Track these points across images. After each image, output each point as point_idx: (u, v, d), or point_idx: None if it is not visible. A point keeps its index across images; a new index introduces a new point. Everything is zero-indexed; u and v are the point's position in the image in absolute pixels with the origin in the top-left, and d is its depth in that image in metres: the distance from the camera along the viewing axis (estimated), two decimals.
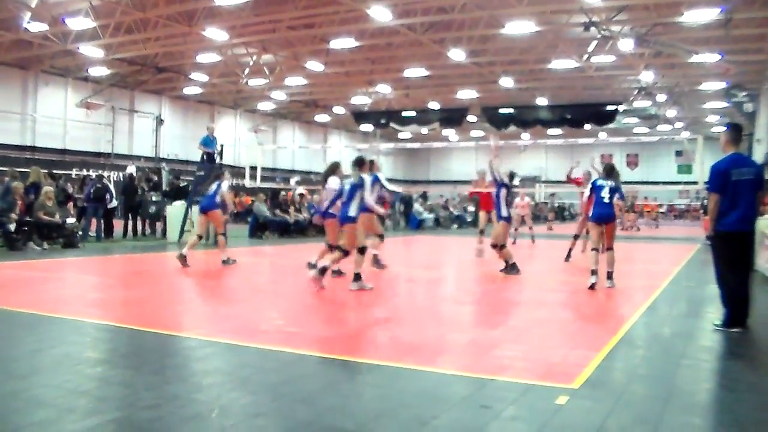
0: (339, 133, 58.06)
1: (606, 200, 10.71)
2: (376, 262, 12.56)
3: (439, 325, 7.46)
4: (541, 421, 4.06)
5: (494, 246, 12.41)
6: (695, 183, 15.08)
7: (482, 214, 16.70)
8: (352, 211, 9.92)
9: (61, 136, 36.34)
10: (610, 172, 11.33)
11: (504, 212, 12.44)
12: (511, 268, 12.24)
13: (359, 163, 10.39)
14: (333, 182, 11.39)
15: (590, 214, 11.27)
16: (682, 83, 34.86)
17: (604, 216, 10.71)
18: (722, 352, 6.40)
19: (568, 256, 15.08)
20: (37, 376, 4.90)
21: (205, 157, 19.40)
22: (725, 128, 7.38)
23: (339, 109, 46.29)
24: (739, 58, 27.98)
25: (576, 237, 15.43)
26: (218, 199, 13.19)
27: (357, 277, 9.76)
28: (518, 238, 21.64)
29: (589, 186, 11.99)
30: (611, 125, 37.04)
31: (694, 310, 8.96)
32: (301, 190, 25.73)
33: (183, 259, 12.24)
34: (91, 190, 18.39)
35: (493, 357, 5.77)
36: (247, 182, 21.09)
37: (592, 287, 10.22)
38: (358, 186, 10.07)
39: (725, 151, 7.11)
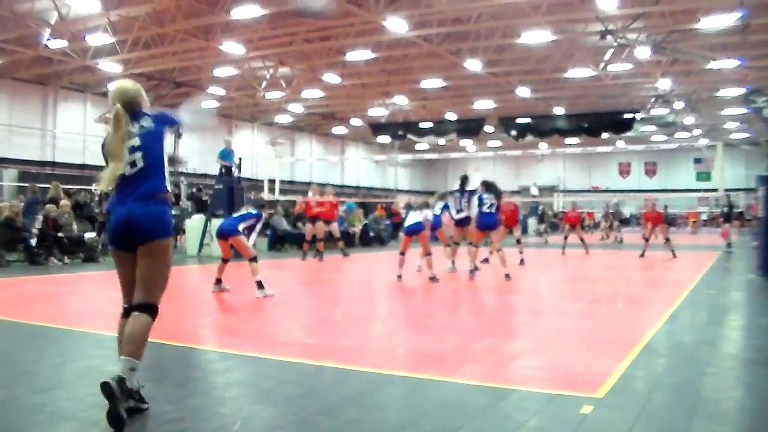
0: (356, 145, 58.17)
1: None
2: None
3: (460, 335, 7.43)
4: (566, 431, 4.02)
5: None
6: (715, 190, 15.00)
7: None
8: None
9: (81, 151, 36.63)
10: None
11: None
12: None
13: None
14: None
15: None
16: (700, 90, 34.69)
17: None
18: (747, 360, 6.32)
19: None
20: (61, 389, 4.92)
21: (223, 170, 19.47)
22: None
23: (356, 121, 46.41)
24: (757, 64, 27.83)
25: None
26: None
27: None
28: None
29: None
30: (629, 133, 36.86)
31: (717, 318, 8.86)
32: None
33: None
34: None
35: (515, 367, 5.73)
36: (266, 195, 21.14)
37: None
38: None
39: None
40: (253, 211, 10.82)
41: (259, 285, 10.03)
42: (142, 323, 4.20)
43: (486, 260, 16.20)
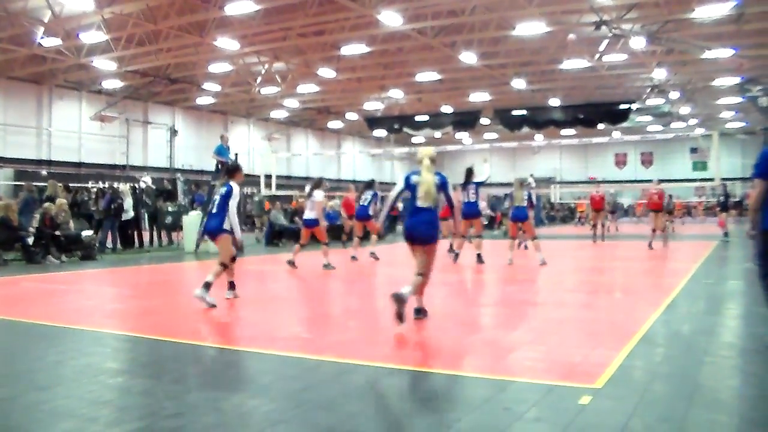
0: (353, 139, 58.15)
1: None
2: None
3: (459, 327, 7.43)
4: (564, 421, 4.02)
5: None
6: (711, 180, 15.03)
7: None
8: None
9: (77, 149, 36.62)
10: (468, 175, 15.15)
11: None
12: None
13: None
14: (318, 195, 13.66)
15: None
16: (695, 80, 34.70)
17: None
18: (745, 349, 6.33)
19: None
20: (59, 387, 4.92)
21: (219, 166, 19.43)
22: None
23: (352, 115, 46.37)
24: (752, 53, 27.84)
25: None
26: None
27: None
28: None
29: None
30: (625, 124, 36.88)
31: (715, 308, 8.87)
32: None
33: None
34: (112, 205, 18.29)
35: (514, 358, 5.74)
36: (263, 190, 21.16)
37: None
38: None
39: None
40: (222, 190, 8.94)
41: (206, 286, 8.52)
42: (421, 281, 7.20)
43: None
